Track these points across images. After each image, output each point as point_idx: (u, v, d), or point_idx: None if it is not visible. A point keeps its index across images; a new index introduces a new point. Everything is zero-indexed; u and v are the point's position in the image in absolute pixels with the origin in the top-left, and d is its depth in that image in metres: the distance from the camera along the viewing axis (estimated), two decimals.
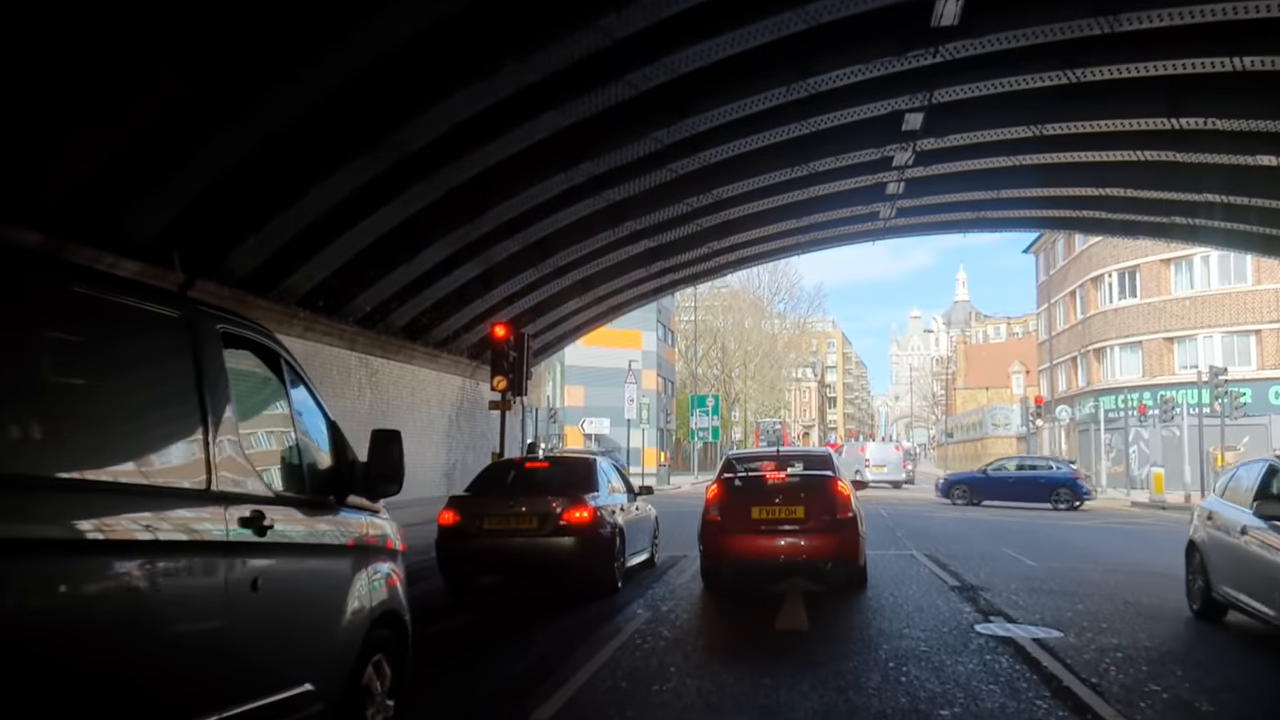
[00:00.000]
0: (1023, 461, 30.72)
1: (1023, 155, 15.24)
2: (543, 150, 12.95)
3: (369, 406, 16.96)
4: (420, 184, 12.74)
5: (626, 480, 11.69)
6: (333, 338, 15.69)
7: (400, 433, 4.49)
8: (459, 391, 20.97)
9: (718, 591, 9.96)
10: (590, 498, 9.65)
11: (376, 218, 13.25)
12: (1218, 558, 8.14)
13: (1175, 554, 14.88)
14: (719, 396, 56.88)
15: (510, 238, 15.92)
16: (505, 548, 9.23)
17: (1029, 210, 18.44)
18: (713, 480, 10.33)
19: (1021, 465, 29.76)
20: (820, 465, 10.62)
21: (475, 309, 18.76)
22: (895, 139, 14.36)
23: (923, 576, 11.11)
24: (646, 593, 9.85)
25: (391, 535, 4.72)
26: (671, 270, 21.50)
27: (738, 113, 12.66)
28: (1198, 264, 35.96)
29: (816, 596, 9.52)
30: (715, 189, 15.98)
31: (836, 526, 9.59)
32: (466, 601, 9.45)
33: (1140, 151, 14.57)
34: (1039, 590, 10.07)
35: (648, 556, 11.92)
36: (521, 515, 9.30)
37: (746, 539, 9.68)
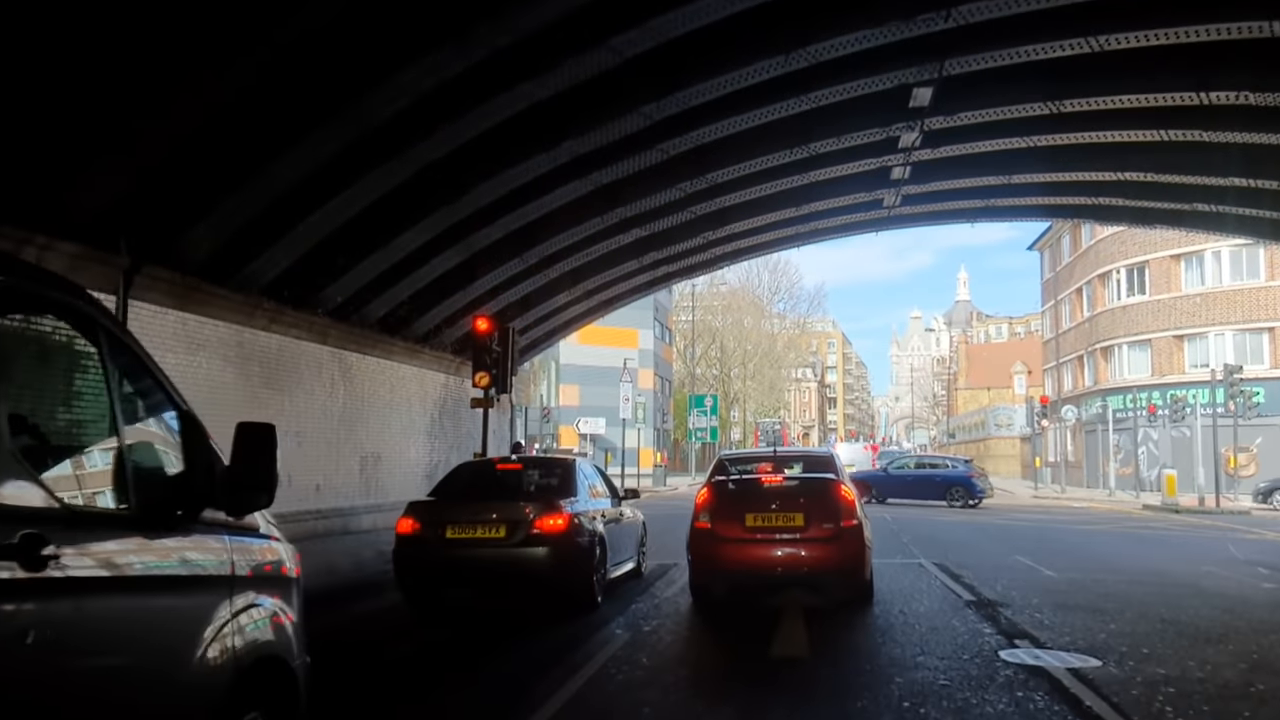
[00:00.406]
0: (922, 460, 31.38)
1: (1037, 136, 14.23)
2: (521, 126, 11.96)
3: (343, 405, 15.97)
4: (389, 161, 11.74)
5: (610, 483, 10.73)
6: (302, 330, 14.70)
7: (274, 428, 3.50)
8: (442, 389, 19.98)
9: (708, 607, 9.01)
10: (567, 503, 8.69)
11: (343, 199, 12.25)
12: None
13: (1199, 562, 14.04)
14: (717, 396, 55.92)
15: (491, 224, 14.93)
16: (470, 559, 8.27)
17: (1041, 197, 17.43)
18: (703, 483, 9.34)
19: (921, 464, 30.37)
20: (821, 467, 9.65)
21: (457, 301, 17.76)
22: (902, 117, 13.37)
23: (934, 590, 10.14)
24: (629, 609, 8.89)
25: (280, 560, 3.75)
26: (665, 262, 20.49)
27: (733, 85, 11.66)
28: (1209, 259, 34.99)
29: (818, 614, 8.56)
30: (709, 172, 14.98)
31: (840, 535, 8.63)
32: (427, 620, 8.49)
33: (1163, 131, 13.57)
34: (1064, 606, 9.10)
35: (634, 566, 10.97)
36: (488, 523, 8.33)
37: (740, 549, 8.72)
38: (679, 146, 13.59)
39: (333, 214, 12.50)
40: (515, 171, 13.20)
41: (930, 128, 13.74)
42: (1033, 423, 40.43)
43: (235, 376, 13.22)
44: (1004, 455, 63.20)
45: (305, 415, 14.81)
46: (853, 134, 13.99)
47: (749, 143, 14.09)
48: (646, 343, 53.01)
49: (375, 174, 11.98)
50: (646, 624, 8.10)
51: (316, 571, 11.10)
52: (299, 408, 14.64)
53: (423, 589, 8.60)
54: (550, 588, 8.43)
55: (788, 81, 11.95)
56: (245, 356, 13.45)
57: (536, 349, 24.99)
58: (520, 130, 12.07)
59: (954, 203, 18.26)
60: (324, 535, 15.07)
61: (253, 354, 13.62)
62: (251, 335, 13.56)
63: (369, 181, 12.08)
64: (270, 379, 14.02)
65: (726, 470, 9.75)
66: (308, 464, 14.90)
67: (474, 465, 10.08)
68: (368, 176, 11.97)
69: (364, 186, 12.14)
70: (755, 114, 12.75)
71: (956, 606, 9.02)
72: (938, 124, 13.66)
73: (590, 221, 16.20)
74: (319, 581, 10.43)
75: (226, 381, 13.03)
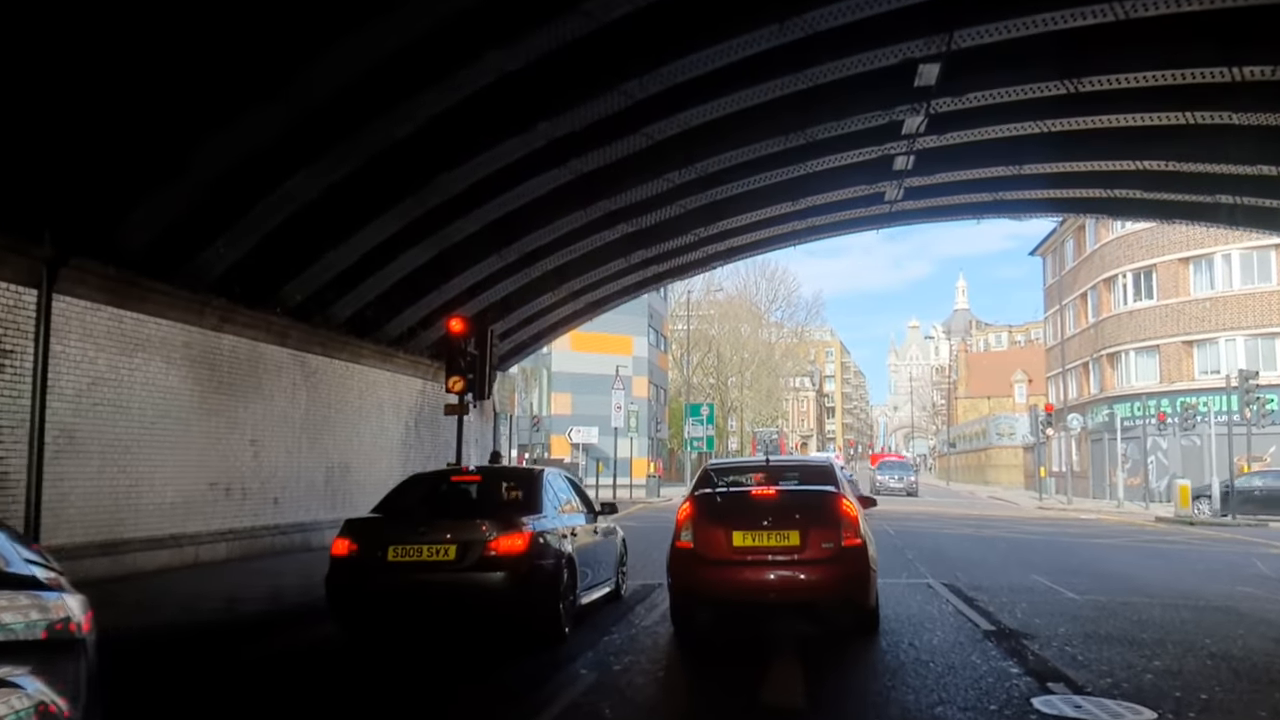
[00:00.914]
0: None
1: (1051, 120, 13.19)
2: (490, 103, 10.92)
3: (305, 411, 14.87)
4: (339, 143, 10.72)
5: (584, 496, 9.63)
6: (258, 331, 13.62)
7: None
8: (418, 395, 18.89)
9: (690, 639, 7.91)
10: (529, 520, 7.59)
11: (293, 184, 11.21)
12: None
13: (1231, 580, 12.92)
14: (714, 405, 54.76)
15: (464, 216, 13.87)
16: (414, 586, 7.17)
17: (1052, 190, 16.37)
18: (684, 497, 8.23)
19: None
20: (820, 478, 8.55)
21: (432, 301, 16.69)
22: (906, 97, 12.32)
23: (946, 617, 9.03)
24: (601, 641, 7.77)
25: (56, 619, 2.64)
26: (655, 261, 19.43)
27: (722, 58, 10.62)
28: (1218, 262, 33.96)
29: (815, 648, 7.47)
30: (699, 161, 13.93)
31: (841, 556, 7.53)
32: (363, 656, 7.38)
33: (1187, 113, 12.50)
34: (1096, 637, 8.00)
35: (611, 589, 9.86)
36: (437, 544, 7.23)
37: (726, 572, 7.62)
38: (665, 130, 12.56)
39: (285, 200, 11.47)
40: (485, 158, 12.18)
41: (936, 110, 12.70)
42: (1037, 431, 39.33)
43: (182, 380, 12.15)
44: (1006, 465, 62.07)
45: (262, 422, 13.72)
46: (853, 117, 12.95)
47: (741, 127, 13.05)
48: (641, 350, 51.91)
49: (328, 158, 10.95)
50: (617, 661, 7.00)
51: (256, 596, 10.03)
52: (255, 414, 13.56)
53: (360, 620, 7.50)
54: (508, 618, 7.34)
55: (782, 56, 10.93)
56: (193, 359, 12.37)
57: (521, 353, 23.91)
58: (489, 108, 11.05)
59: (959, 196, 17.20)
60: (282, 552, 13.98)
61: (202, 356, 12.55)
62: (201, 335, 12.49)
63: (321, 167, 11.05)
64: (223, 383, 12.94)
65: (712, 482, 8.65)
66: (265, 475, 13.81)
67: (427, 478, 8.98)
68: (319, 161, 10.94)
69: (315, 172, 11.12)
70: (747, 93, 11.72)
71: (974, 638, 7.92)
72: (944, 106, 12.62)
73: (572, 215, 15.15)
74: (254, 608, 9.33)
75: (172, 386, 11.95)
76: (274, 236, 12.29)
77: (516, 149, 12.11)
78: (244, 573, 11.70)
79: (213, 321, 12.69)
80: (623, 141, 12.67)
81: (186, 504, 12.17)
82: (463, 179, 12.62)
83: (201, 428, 12.47)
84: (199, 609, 9.01)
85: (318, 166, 11.07)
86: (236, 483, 13.19)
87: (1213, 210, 16.28)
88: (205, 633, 8.06)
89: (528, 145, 12.07)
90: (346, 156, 11.01)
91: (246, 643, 7.93)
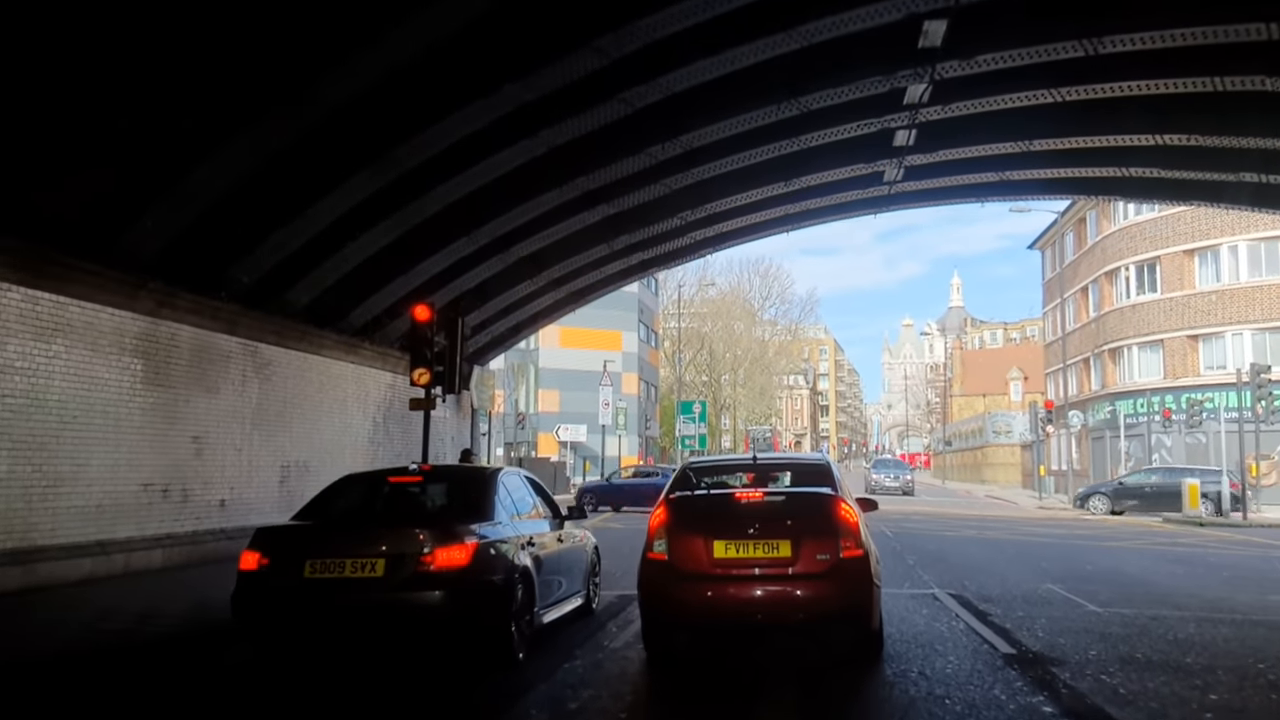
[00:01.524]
0: (639, 470, 32.63)
1: (1068, 87, 12.10)
2: (448, 61, 9.83)
3: (256, 406, 13.72)
4: (281, 105, 9.60)
5: (549, 500, 8.52)
6: (202, 317, 12.48)
7: None
8: (388, 390, 17.74)
9: (665, 666, 6.81)
10: (475, 529, 6.48)
11: (233, 150, 10.09)
12: None
13: (1263, 589, 11.81)
14: (706, 402, 53.73)
15: (426, 195, 12.75)
16: (333, 609, 6.05)
17: (1063, 168, 15.28)
18: (658, 501, 7.11)
19: (638, 473, 31.29)
20: (815, 479, 7.44)
21: (399, 288, 15.55)
22: (909, 61, 11.23)
23: (959, 637, 7.94)
24: (560, 669, 6.66)
25: None
26: (640, 247, 18.32)
27: (707, 11, 9.52)
28: (1224, 254, 32.94)
29: (811, 680, 6.40)
30: (684, 133, 12.82)
31: (839, 570, 6.44)
32: (266, 687, 6.26)
33: (1216, 78, 11.42)
34: (1134, 662, 6.91)
35: (581, 603, 8.74)
36: (362, 557, 6.11)
37: (706, 589, 6.52)
38: (646, 96, 11.44)
39: (220, 171, 10.33)
40: (447, 125, 11.05)
41: (941, 75, 11.60)
42: (1036, 429, 38.32)
43: (111, 370, 11.00)
44: (1003, 463, 61.07)
45: (207, 417, 12.58)
46: (851, 84, 11.84)
47: (729, 94, 11.94)
48: (631, 345, 50.78)
49: (267, 122, 9.83)
50: (575, 697, 5.89)
51: (177, 611, 8.67)
52: (198, 409, 12.41)
53: (271, 648, 6.38)
54: (448, 643, 6.23)
55: (773, 9, 9.85)
56: (126, 347, 11.22)
57: (501, 346, 22.77)
58: (446, 67, 9.93)
59: (963, 176, 16.13)
60: (229, 559, 12.73)
61: (136, 344, 11.40)
62: (134, 321, 11.34)
63: (260, 132, 9.93)
64: (161, 374, 11.79)
65: (691, 483, 7.53)
66: (209, 474, 12.67)
67: (363, 479, 7.85)
68: (258, 126, 9.83)
69: (255, 138, 10.00)
70: (735, 53, 10.61)
71: (993, 664, 6.82)
72: (950, 71, 11.53)
73: (546, 194, 14.03)
74: (168, 625, 8.15)
75: (99, 376, 10.80)
76: (215, 212, 11.16)
77: (480, 116, 11.00)
78: (175, 583, 10.58)
79: (149, 306, 11.54)
80: (599, 109, 11.57)
81: (116, 507, 11.03)
82: (420, 151, 11.51)
83: (135, 423, 11.32)
84: (105, 628, 7.89)
85: (257, 131, 9.95)
86: (176, 483, 12.04)
87: (1235, 190, 15.20)
88: (101, 655, 6.93)
89: (493, 111, 10.96)
90: (289, 121, 9.89)
91: (146, 667, 6.80)
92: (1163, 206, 33.79)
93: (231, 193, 10.90)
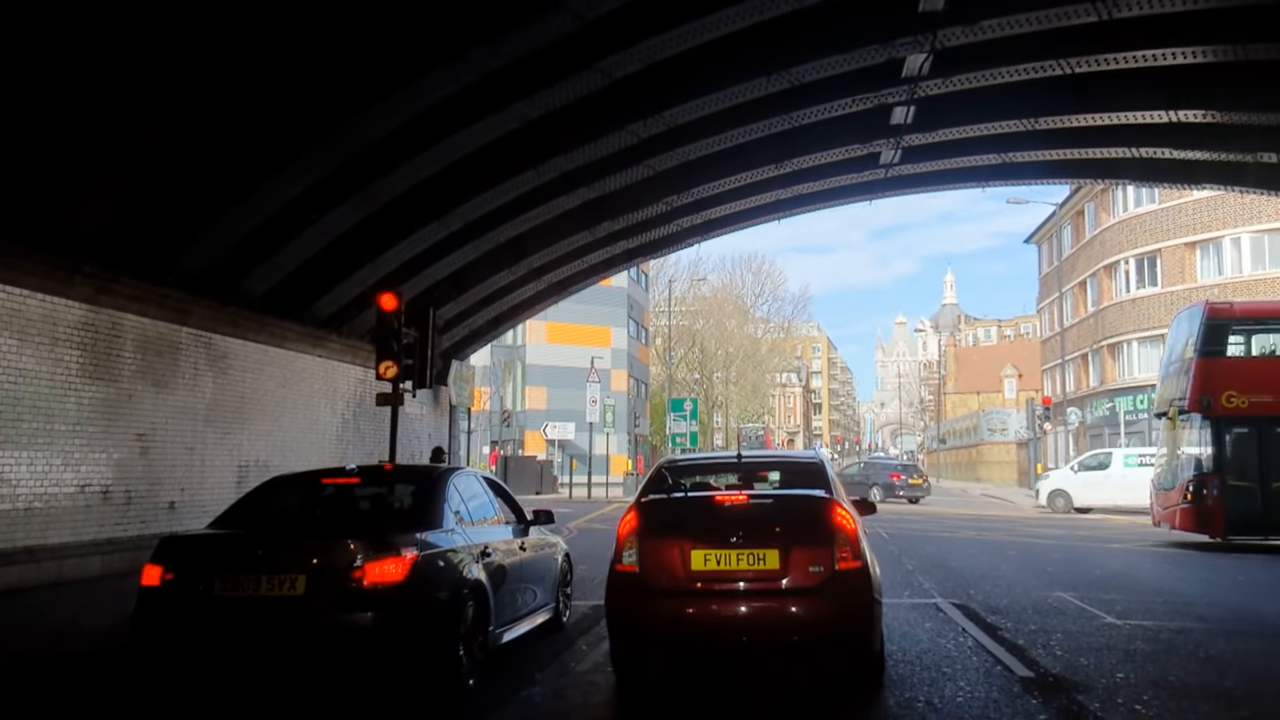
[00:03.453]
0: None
1: (1076, 58, 11.30)
2: (405, 22, 8.97)
3: (210, 401, 12.82)
4: (226, 66, 8.71)
5: (512, 503, 7.66)
6: (147, 305, 11.58)
7: None
8: (358, 385, 16.86)
9: (636, 694, 5.97)
10: (417, 538, 5.62)
11: (165, 118, 9.20)
12: None
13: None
14: (697, 400, 52.86)
15: (391, 173, 11.88)
16: (247, 630, 5.19)
17: (1070, 149, 14.45)
18: (629, 506, 6.26)
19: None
20: (807, 480, 6.58)
21: (367, 276, 14.66)
22: (908, 26, 10.40)
23: (967, 656, 7.09)
24: (516, 698, 5.81)
25: None
26: (624, 235, 17.46)
27: None
28: (1227, 247, 32.20)
29: (802, 711, 5.54)
30: (668, 108, 11.97)
31: (835, 584, 5.60)
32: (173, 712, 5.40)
33: (1239, 45, 10.61)
34: (1167, 686, 6.08)
35: (550, 616, 7.89)
36: (281, 573, 5.24)
37: (683, 605, 5.68)
38: (625, 65, 10.60)
39: (155, 143, 9.43)
40: (407, 95, 10.19)
41: (943, 44, 10.77)
42: (1033, 427, 37.54)
43: (42, 363, 10.11)
44: (998, 461, 60.33)
45: (154, 413, 11.69)
46: (847, 53, 11.01)
47: (716, 63, 11.10)
48: (620, 342, 49.89)
49: (204, 89, 8.95)
50: None
51: (98, 626, 7.62)
52: (144, 404, 11.52)
53: (176, 673, 5.51)
54: (383, 670, 5.36)
55: None
56: (59, 337, 10.32)
57: (480, 340, 21.88)
58: (404, 30, 9.07)
59: (963, 159, 15.31)
60: None
61: (71, 334, 10.50)
62: (69, 309, 10.44)
63: (197, 99, 9.03)
64: (100, 366, 10.89)
65: (667, 484, 6.68)
66: (157, 475, 11.78)
67: (291, 481, 6.96)
68: (196, 91, 8.94)
69: (191, 106, 9.09)
70: (722, 16, 9.76)
71: (1009, 690, 5.99)
72: (953, 38, 10.70)
73: (523, 175, 13.17)
74: (82, 645, 7.27)
75: (26, 368, 9.90)
76: (156, 189, 10.28)
77: (443, 85, 10.13)
78: (108, 593, 9.66)
79: (86, 292, 10.65)
80: (575, 79, 10.71)
81: (47, 510, 10.14)
82: (382, 124, 10.65)
83: (69, 419, 10.43)
84: (9, 646, 7.00)
85: (196, 97, 9.06)
86: (118, 485, 11.15)
87: (1250, 172, 14.42)
88: None
89: (457, 80, 10.10)
90: (232, 84, 9.00)
91: (37, 692, 5.92)
92: (1163, 198, 33.07)
93: (173, 167, 10.02)
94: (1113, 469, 26.87)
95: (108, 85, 8.69)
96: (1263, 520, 15.20)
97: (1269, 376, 16.05)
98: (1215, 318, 16.19)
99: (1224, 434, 15.67)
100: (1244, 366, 16.45)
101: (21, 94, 8.46)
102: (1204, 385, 15.83)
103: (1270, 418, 15.41)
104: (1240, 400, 15.54)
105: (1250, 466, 15.43)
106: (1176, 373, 17.23)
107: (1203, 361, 16.03)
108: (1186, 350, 16.88)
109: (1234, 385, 15.71)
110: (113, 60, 8.49)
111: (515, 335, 42.22)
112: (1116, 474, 26.53)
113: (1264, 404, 15.47)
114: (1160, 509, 17.52)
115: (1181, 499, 16.02)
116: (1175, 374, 17.30)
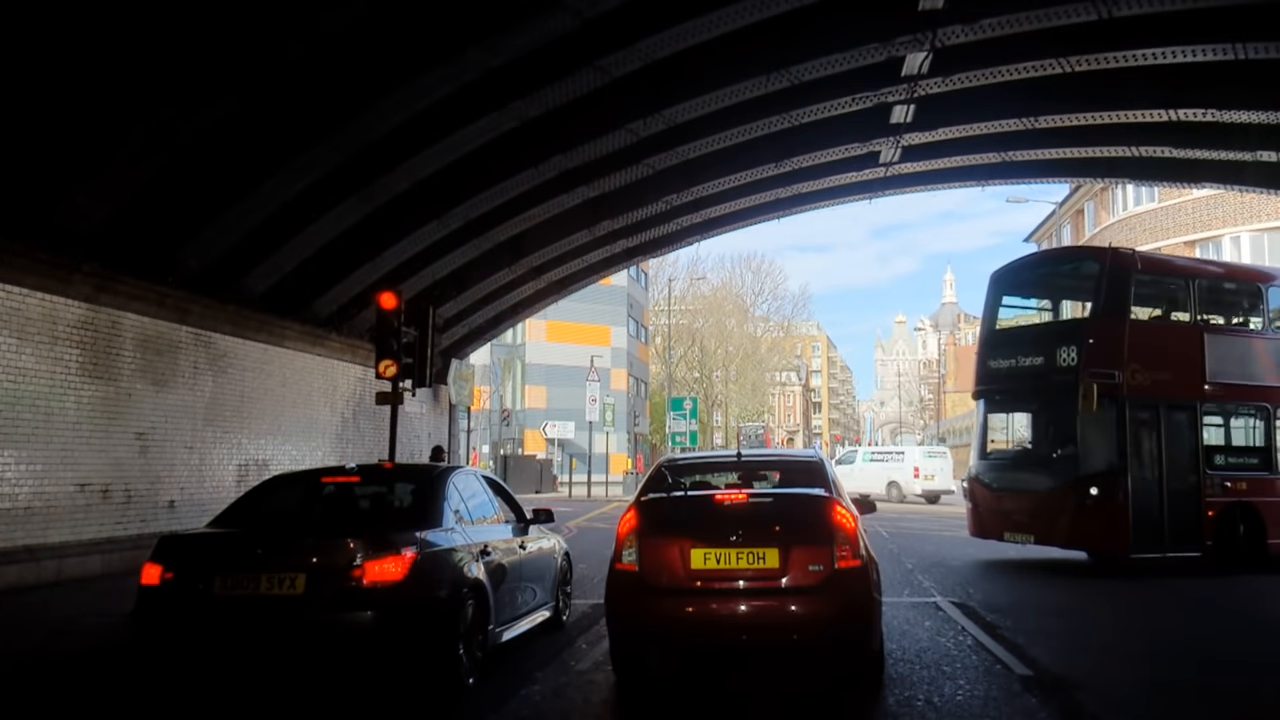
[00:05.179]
0: None
1: (1076, 57, 11.31)
2: (404, 21, 8.97)
3: (210, 400, 12.82)
4: (227, 64, 8.71)
5: (512, 503, 7.67)
6: (147, 304, 11.58)
7: None
8: (358, 384, 16.86)
9: (636, 693, 5.97)
10: (416, 537, 5.62)
11: (172, 118, 9.21)
12: None
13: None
14: (697, 399, 52.86)
15: (390, 172, 11.89)
16: (247, 630, 5.19)
17: (1070, 148, 14.47)
18: (629, 505, 6.27)
19: None
20: (806, 479, 6.59)
21: (367, 275, 14.66)
22: (908, 25, 10.41)
23: (966, 654, 7.10)
24: (516, 696, 5.81)
25: None
26: (624, 234, 17.47)
27: None
28: (1227, 246, 32.16)
29: (802, 710, 5.54)
30: (668, 107, 11.98)
31: (835, 583, 5.60)
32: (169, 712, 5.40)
33: (1239, 45, 10.60)
34: (1169, 687, 6.09)
35: (549, 615, 7.90)
36: (279, 572, 5.24)
37: (683, 604, 5.68)
38: (624, 64, 10.61)
39: (155, 142, 9.43)
40: (406, 95, 10.21)
41: (943, 42, 10.77)
42: None
43: (42, 361, 10.11)
44: None
45: (154, 412, 11.69)
46: (846, 51, 11.02)
47: (716, 63, 11.11)
48: (620, 341, 49.89)
49: (205, 86, 8.95)
50: None
51: (94, 626, 7.71)
52: (144, 403, 11.52)
53: (177, 673, 5.52)
54: (382, 669, 5.36)
55: None
56: (58, 336, 10.32)
57: (480, 339, 21.89)
58: (404, 29, 9.07)
59: (963, 157, 15.31)
60: None
61: (71, 332, 10.50)
62: (68, 307, 10.44)
63: (196, 97, 9.03)
64: (99, 365, 10.90)
65: (667, 483, 6.69)
66: (157, 473, 11.78)
67: (292, 480, 6.97)
68: (197, 89, 8.94)
69: (190, 104, 9.08)
70: (722, 14, 9.76)
71: (1009, 689, 5.99)
72: (952, 36, 10.70)
73: (521, 174, 13.17)
74: (79, 642, 7.30)
75: (26, 367, 9.90)
76: (156, 188, 10.29)
77: (442, 84, 10.14)
78: (109, 592, 9.66)
79: (85, 291, 10.64)
80: (575, 77, 10.72)
81: (47, 509, 10.13)
82: (381, 123, 10.66)
83: (69, 418, 10.43)
84: (9, 645, 7.00)
85: (196, 96, 9.07)
86: (118, 483, 11.15)
87: (1250, 170, 14.42)
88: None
89: (457, 79, 10.11)
90: (233, 83, 9.00)
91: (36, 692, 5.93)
92: (1163, 197, 33.05)
93: (173, 166, 10.03)
94: None
95: (107, 83, 8.69)
96: (1166, 532, 11.78)
97: (1171, 347, 12.65)
98: (1120, 267, 12.31)
99: (1126, 420, 11.78)
100: (1148, 333, 12.88)
101: (21, 92, 8.46)
102: (1110, 355, 11.97)
103: (1170, 401, 12.10)
104: (1144, 377, 11.95)
105: (1151, 463, 11.92)
106: (1041, 336, 13.46)
107: (1106, 322, 12.25)
108: (1061, 309, 14.14)
109: (1137, 358, 12.01)
110: (112, 58, 8.49)
111: (515, 334, 42.21)
112: None
113: (1164, 383, 12.11)
114: (1016, 517, 12.70)
115: (1073, 504, 11.83)
116: (1038, 338, 13.43)
